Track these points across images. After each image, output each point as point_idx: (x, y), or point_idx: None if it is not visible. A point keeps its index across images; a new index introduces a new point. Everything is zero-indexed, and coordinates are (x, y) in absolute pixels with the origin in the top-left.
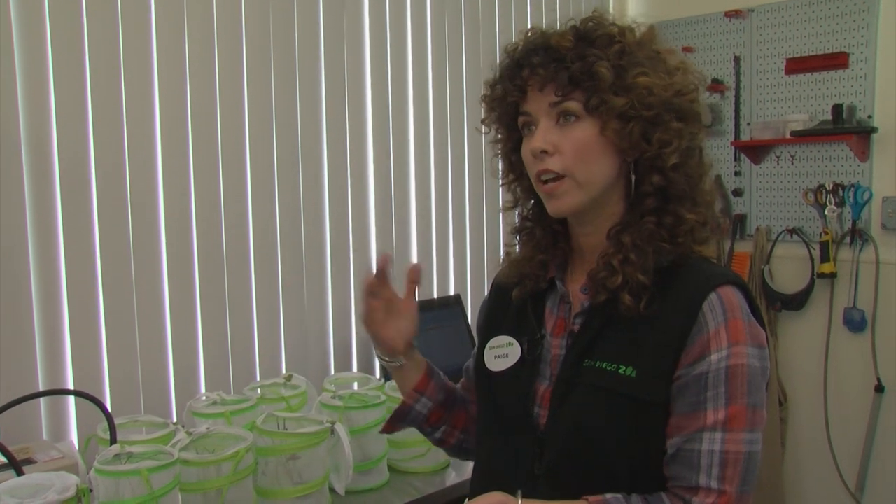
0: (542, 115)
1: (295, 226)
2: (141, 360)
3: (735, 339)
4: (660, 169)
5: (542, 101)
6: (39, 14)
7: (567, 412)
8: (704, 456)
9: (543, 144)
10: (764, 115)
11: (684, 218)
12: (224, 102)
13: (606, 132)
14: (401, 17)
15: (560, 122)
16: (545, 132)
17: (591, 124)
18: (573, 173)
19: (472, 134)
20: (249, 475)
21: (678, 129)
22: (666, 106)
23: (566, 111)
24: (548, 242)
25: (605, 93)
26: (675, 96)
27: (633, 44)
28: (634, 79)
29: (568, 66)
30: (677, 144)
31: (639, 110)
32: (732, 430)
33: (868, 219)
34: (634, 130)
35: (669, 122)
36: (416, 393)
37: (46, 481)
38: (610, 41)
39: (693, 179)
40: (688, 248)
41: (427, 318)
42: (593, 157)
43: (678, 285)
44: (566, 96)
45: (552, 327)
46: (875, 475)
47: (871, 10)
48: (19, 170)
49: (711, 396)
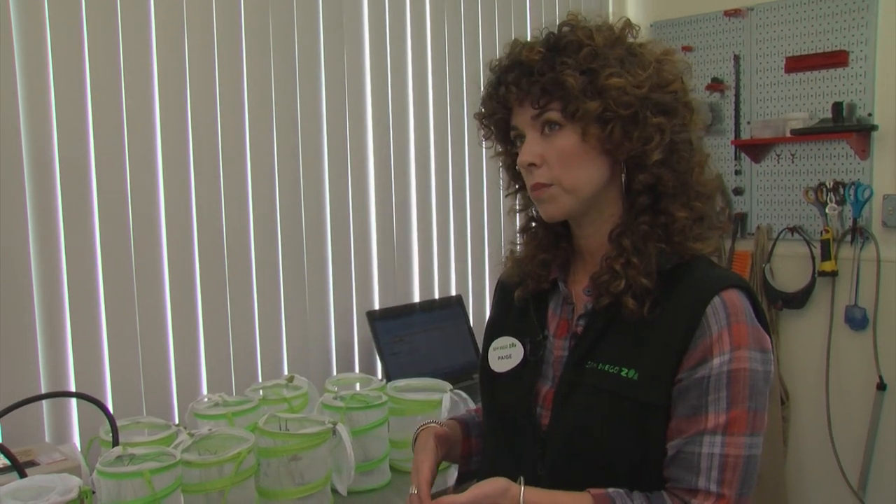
0: (527, 128)
1: (296, 227)
2: (142, 361)
3: (738, 343)
4: (644, 166)
5: (524, 115)
6: (39, 16)
7: (569, 413)
8: (704, 459)
9: (530, 158)
10: (764, 113)
11: (676, 216)
12: (224, 104)
13: (588, 137)
14: (400, 16)
15: (545, 132)
16: (531, 145)
17: (572, 131)
18: (560, 181)
19: (472, 134)
20: (251, 476)
21: (658, 124)
22: (643, 102)
23: (548, 121)
24: (550, 242)
25: (577, 100)
26: (653, 91)
27: (604, 45)
28: (606, 80)
29: (538, 79)
30: (659, 140)
31: (615, 111)
32: (733, 434)
33: (869, 217)
34: (615, 131)
35: (649, 118)
36: (464, 458)
37: (49, 483)
38: (579, 46)
39: (682, 174)
40: (685, 248)
41: (429, 318)
42: (578, 162)
43: (682, 288)
44: (544, 108)
45: (555, 328)
46: (877, 473)
47: (870, 8)
48: (20, 172)
49: (713, 400)
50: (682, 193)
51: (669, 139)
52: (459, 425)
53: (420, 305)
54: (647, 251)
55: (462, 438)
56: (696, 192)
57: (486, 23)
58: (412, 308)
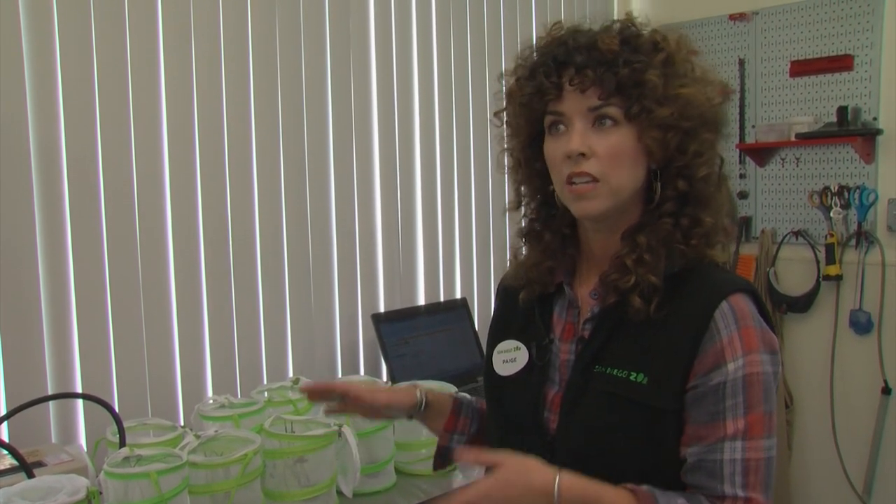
0: (576, 117)
1: (301, 229)
2: (149, 363)
3: (749, 348)
4: (688, 177)
5: (580, 103)
6: (48, 21)
7: (578, 417)
8: (727, 465)
9: (582, 147)
10: (769, 117)
11: (703, 221)
12: (230, 108)
13: (644, 140)
14: (406, 19)
15: (595, 126)
16: (582, 135)
17: (628, 131)
18: (607, 178)
19: (478, 137)
20: (257, 478)
21: (710, 141)
22: (703, 118)
23: (605, 115)
24: (556, 247)
25: (650, 101)
26: (709, 108)
27: (675, 51)
28: (678, 89)
29: (617, 70)
30: (709, 156)
31: (679, 121)
32: (753, 438)
33: (874, 221)
34: (672, 141)
35: (703, 133)
36: (447, 433)
37: (57, 484)
38: (654, 48)
39: (713, 187)
40: (701, 252)
41: (433, 321)
42: (627, 163)
43: (689, 291)
44: (608, 101)
45: (560, 332)
46: (883, 477)
47: (875, 13)
48: (28, 175)
49: (730, 406)
50: (708, 203)
51: (714, 155)
52: (452, 401)
53: (425, 308)
54: (659, 251)
55: (450, 412)
56: (719, 205)
57: (491, 29)
58: (417, 311)
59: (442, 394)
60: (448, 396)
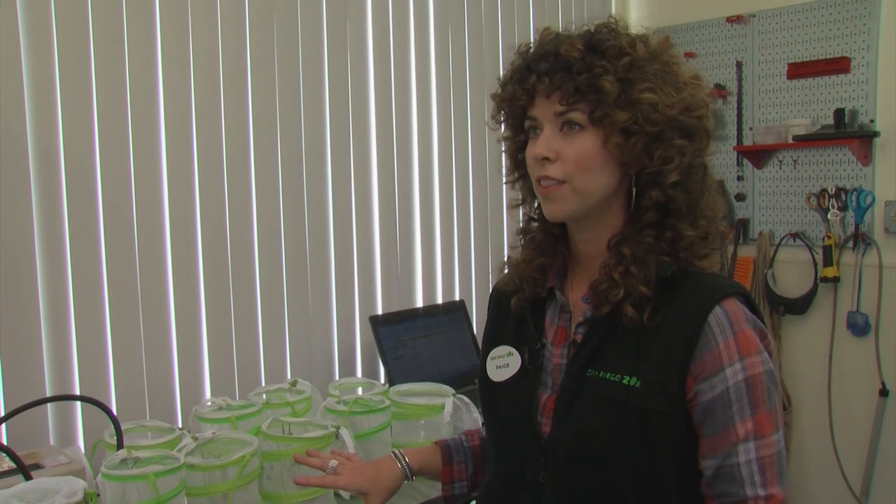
0: (546, 122)
1: (299, 231)
2: (146, 365)
3: (747, 351)
4: (659, 185)
5: (547, 108)
6: (46, 28)
7: (571, 421)
8: (744, 468)
9: (546, 152)
10: (766, 119)
11: (683, 234)
12: (228, 112)
13: (608, 145)
14: (404, 19)
15: (564, 131)
16: (548, 139)
17: (594, 135)
18: (573, 181)
19: (476, 139)
20: (255, 479)
21: (681, 147)
22: (670, 123)
23: (570, 121)
24: (548, 245)
25: (608, 106)
26: (682, 113)
27: (644, 57)
28: (640, 94)
29: (574, 76)
30: (678, 162)
31: (642, 126)
32: (763, 436)
33: (871, 223)
34: (636, 145)
35: (672, 139)
36: (447, 485)
37: (54, 486)
38: (619, 53)
39: (693, 196)
40: (689, 264)
41: (431, 323)
42: (593, 167)
43: (682, 296)
44: (571, 106)
45: (553, 336)
46: (880, 479)
47: (872, 15)
48: (26, 177)
49: (737, 410)
50: (690, 214)
51: (688, 162)
52: (438, 452)
53: (423, 310)
54: (646, 261)
55: (442, 464)
56: (704, 214)
57: (488, 28)
58: (415, 313)
59: (422, 449)
60: (432, 449)
